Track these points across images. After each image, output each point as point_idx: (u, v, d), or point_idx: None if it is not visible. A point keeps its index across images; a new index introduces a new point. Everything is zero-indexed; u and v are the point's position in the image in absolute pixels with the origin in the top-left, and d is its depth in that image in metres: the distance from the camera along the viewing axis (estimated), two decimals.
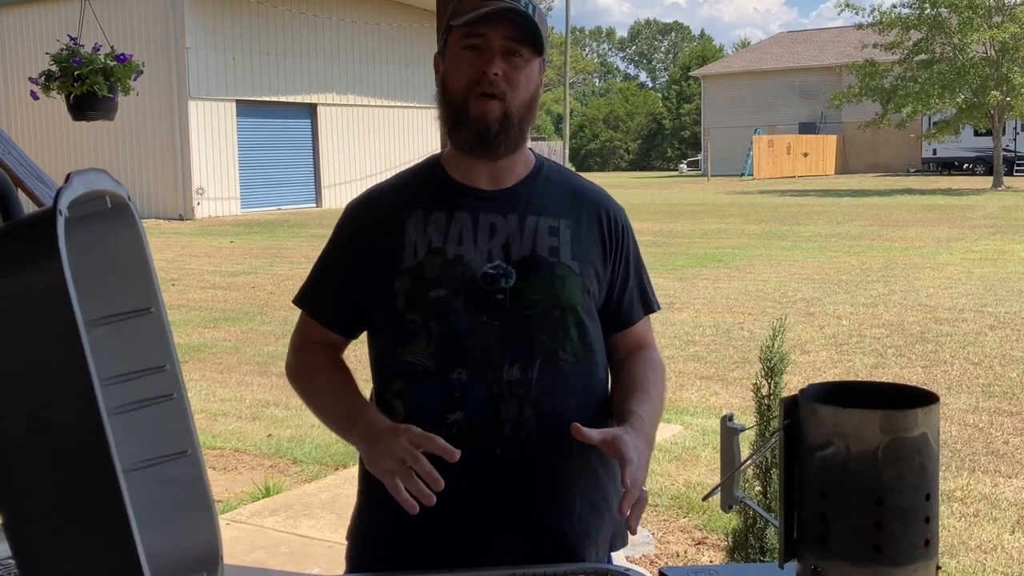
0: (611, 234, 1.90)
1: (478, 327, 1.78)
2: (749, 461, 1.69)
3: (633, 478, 1.63)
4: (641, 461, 1.68)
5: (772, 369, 3.18)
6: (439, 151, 2.00)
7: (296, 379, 1.95)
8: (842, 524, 1.53)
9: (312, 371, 1.92)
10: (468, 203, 1.84)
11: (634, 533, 1.69)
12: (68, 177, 1.40)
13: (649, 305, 1.98)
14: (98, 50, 5.14)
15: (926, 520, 1.53)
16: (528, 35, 1.77)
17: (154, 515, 1.72)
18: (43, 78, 5.17)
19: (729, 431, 1.70)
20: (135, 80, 5.20)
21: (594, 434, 1.68)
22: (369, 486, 1.91)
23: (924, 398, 1.59)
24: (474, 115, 1.77)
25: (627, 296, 1.93)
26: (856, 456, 1.52)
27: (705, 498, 1.69)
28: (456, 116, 1.80)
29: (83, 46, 5.11)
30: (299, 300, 1.97)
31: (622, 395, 1.87)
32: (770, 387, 3.20)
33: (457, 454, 1.63)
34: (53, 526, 1.48)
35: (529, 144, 1.94)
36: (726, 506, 1.72)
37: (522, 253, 1.81)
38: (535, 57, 1.81)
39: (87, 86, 4.92)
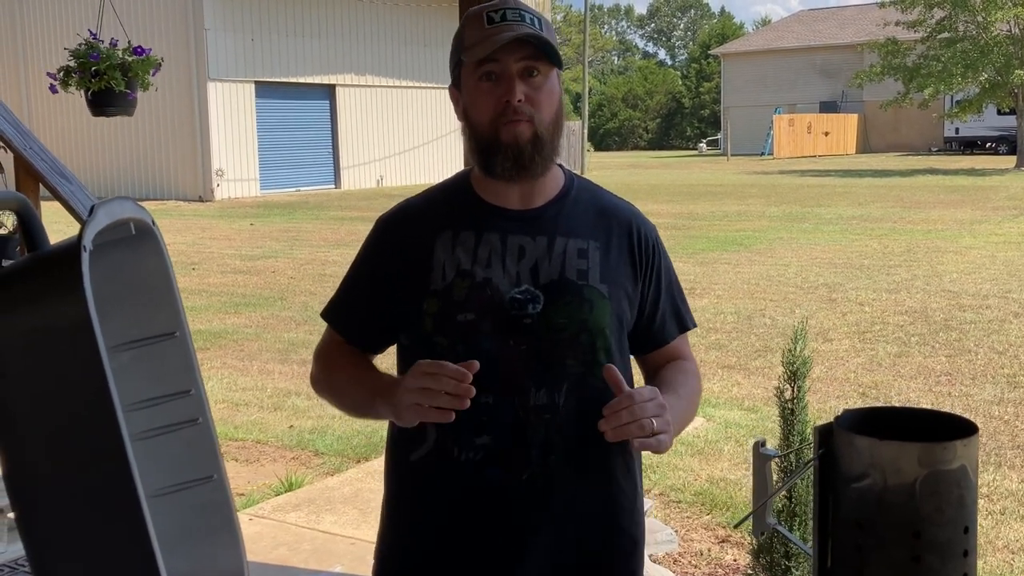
0: (641, 253, 1.87)
1: (505, 351, 1.76)
2: (780, 489, 1.67)
3: (633, 393, 1.64)
4: (655, 394, 1.66)
5: (795, 373, 3.14)
6: (463, 158, 1.97)
7: (319, 383, 1.95)
8: (878, 557, 1.51)
9: (332, 368, 1.92)
10: (497, 223, 1.82)
11: (610, 439, 1.63)
12: (92, 209, 1.39)
13: (683, 323, 1.95)
14: (115, 45, 5.11)
15: (964, 554, 1.51)
16: (542, 51, 1.75)
17: (180, 540, 1.72)
18: (61, 74, 5.16)
19: (761, 458, 1.68)
20: (153, 75, 5.18)
21: (620, 380, 1.66)
22: (393, 509, 1.90)
23: (962, 428, 1.56)
24: (507, 141, 1.75)
25: (659, 316, 1.91)
26: (893, 488, 1.49)
27: (737, 525, 1.66)
28: (488, 147, 1.77)
29: (102, 41, 5.09)
30: (326, 314, 1.95)
31: None
32: (793, 391, 3.17)
33: (475, 364, 1.62)
34: (78, 554, 1.47)
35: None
36: (758, 533, 1.70)
37: (550, 276, 1.79)
38: (552, 69, 1.78)
39: (104, 82, 4.91)
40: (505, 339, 1.76)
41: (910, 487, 1.48)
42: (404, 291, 1.82)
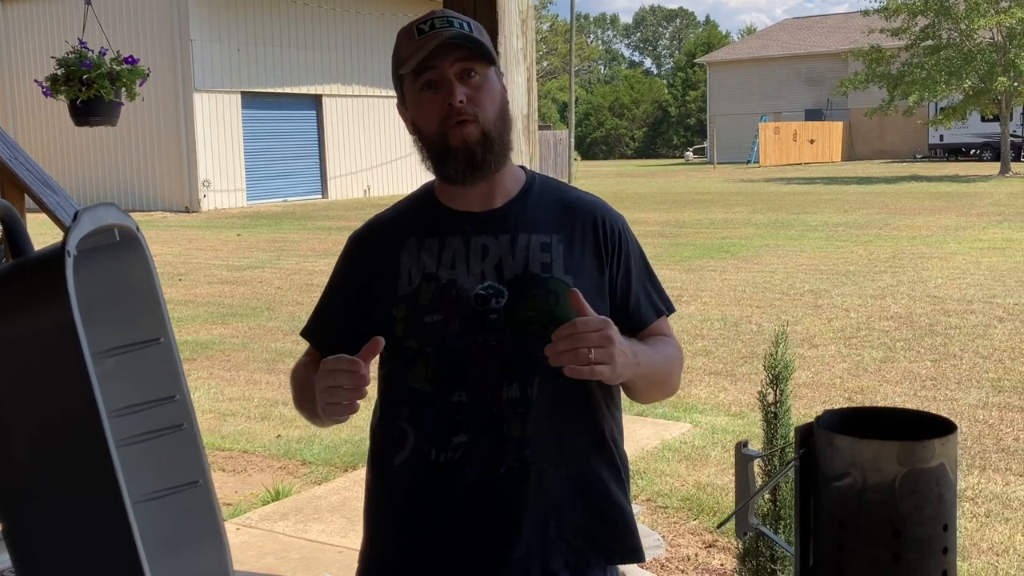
0: (607, 242, 1.88)
1: (475, 348, 1.79)
2: (763, 489, 1.68)
3: (578, 322, 1.62)
4: (605, 325, 1.64)
5: (777, 377, 3.16)
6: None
7: (294, 401, 2.01)
8: (859, 555, 1.52)
9: (299, 385, 1.97)
10: (460, 228, 1.86)
11: (551, 363, 1.63)
12: (76, 215, 1.39)
13: (659, 308, 1.94)
14: (104, 54, 5.11)
15: (944, 551, 1.52)
16: (476, 52, 1.79)
17: (166, 546, 1.72)
18: (48, 83, 5.15)
19: (744, 458, 1.69)
20: (141, 85, 5.18)
21: (584, 304, 1.66)
22: (377, 514, 1.91)
23: (941, 427, 1.58)
24: (456, 145, 1.79)
25: (633, 299, 1.91)
26: (873, 487, 1.50)
27: (719, 525, 1.68)
28: (439, 153, 1.81)
29: (92, 51, 5.08)
30: (305, 332, 2.00)
31: None
32: (776, 395, 3.18)
33: (380, 341, 1.68)
34: (64, 560, 1.48)
35: (522, 163, 1.94)
36: (741, 533, 1.71)
37: (515, 272, 1.82)
38: (489, 68, 1.82)
39: (94, 91, 4.90)
40: (473, 337, 1.79)
41: (890, 485, 1.50)
42: (375, 302, 1.86)
